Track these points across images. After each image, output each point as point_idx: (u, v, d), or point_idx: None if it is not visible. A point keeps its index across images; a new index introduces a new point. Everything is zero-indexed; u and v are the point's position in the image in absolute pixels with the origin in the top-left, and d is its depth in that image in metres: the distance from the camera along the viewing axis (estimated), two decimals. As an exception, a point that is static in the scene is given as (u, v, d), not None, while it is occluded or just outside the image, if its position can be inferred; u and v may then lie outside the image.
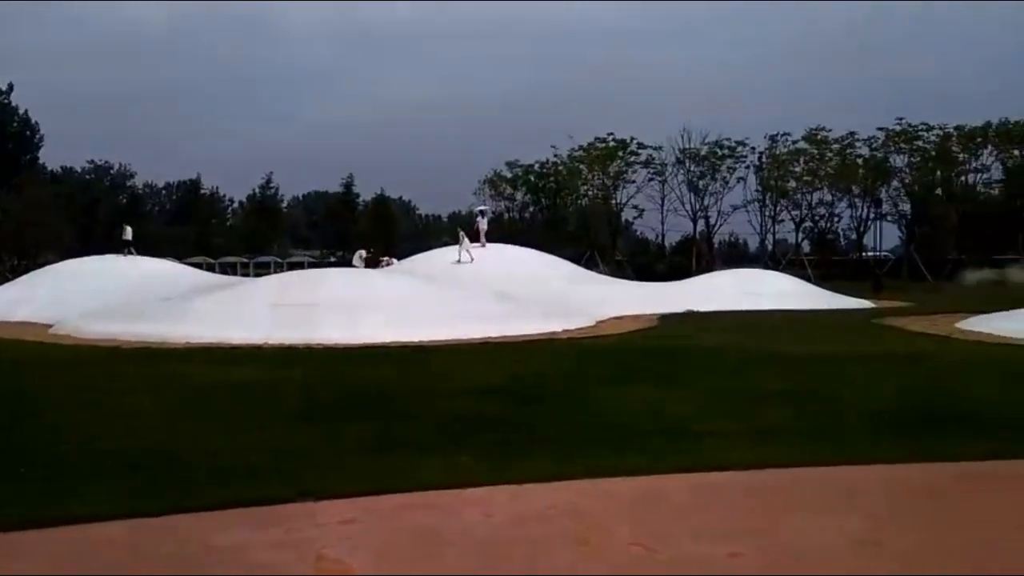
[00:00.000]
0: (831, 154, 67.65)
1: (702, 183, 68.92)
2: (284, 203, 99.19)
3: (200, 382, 11.21)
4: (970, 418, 8.54)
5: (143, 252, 34.56)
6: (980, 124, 64.21)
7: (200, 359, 13.85)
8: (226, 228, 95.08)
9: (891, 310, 27.30)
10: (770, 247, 71.83)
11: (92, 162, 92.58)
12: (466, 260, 29.70)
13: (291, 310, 17.93)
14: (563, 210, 74.85)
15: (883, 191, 67.43)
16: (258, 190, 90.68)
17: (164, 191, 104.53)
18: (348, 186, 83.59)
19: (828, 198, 69.33)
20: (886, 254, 71.93)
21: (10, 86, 71.38)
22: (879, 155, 66.94)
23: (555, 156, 73.21)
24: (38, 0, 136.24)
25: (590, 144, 70.53)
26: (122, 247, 32.79)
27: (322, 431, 7.98)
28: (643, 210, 71.58)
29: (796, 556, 4.76)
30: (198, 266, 45.63)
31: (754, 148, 68.72)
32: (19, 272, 41.95)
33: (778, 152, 68.56)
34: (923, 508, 5.86)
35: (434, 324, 17.44)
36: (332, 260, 63.69)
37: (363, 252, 35.74)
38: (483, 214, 36.54)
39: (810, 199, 69.51)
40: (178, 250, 65.17)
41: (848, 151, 67.37)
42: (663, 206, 69.72)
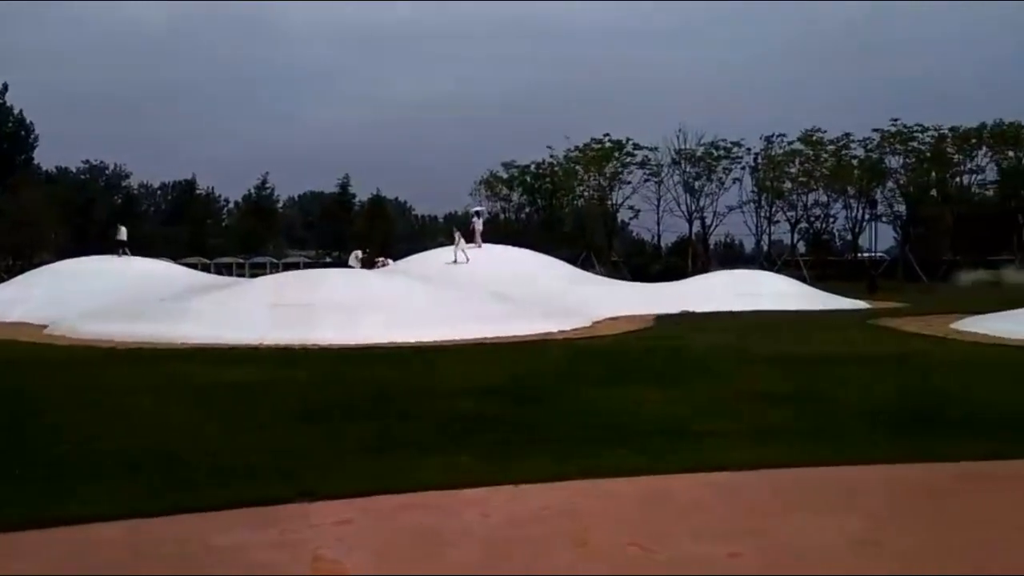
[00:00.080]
0: (826, 155, 67.83)
1: (698, 184, 69.12)
2: (280, 203, 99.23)
3: (199, 382, 11.20)
4: (969, 418, 8.57)
5: (138, 253, 34.45)
6: (975, 125, 64.52)
7: (199, 359, 13.83)
8: (222, 228, 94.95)
9: (886, 311, 27.35)
10: (766, 248, 72.05)
11: (87, 162, 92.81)
12: (462, 260, 29.71)
13: (289, 310, 17.92)
14: (559, 211, 74.85)
15: (878, 192, 67.64)
16: (254, 190, 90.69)
17: (159, 191, 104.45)
18: (344, 186, 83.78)
19: (823, 199, 69.59)
20: (881, 255, 71.94)
21: (4, 86, 71.30)
22: (874, 156, 67.12)
23: (551, 157, 73.45)
24: (38, 0, 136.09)
25: (586, 145, 70.68)
26: (117, 248, 32.69)
27: (322, 431, 7.98)
28: (639, 211, 72.05)
29: (796, 556, 4.76)
30: (193, 266, 45.58)
31: (750, 149, 69.00)
32: (14, 272, 41.88)
33: (774, 153, 68.75)
34: (923, 508, 5.87)
35: (432, 324, 17.46)
36: (328, 260, 63.64)
37: (359, 252, 35.77)
38: (479, 215, 36.68)
39: (806, 200, 69.79)
40: (173, 250, 65.15)
41: (843, 152, 67.56)
42: (659, 207, 69.95)
